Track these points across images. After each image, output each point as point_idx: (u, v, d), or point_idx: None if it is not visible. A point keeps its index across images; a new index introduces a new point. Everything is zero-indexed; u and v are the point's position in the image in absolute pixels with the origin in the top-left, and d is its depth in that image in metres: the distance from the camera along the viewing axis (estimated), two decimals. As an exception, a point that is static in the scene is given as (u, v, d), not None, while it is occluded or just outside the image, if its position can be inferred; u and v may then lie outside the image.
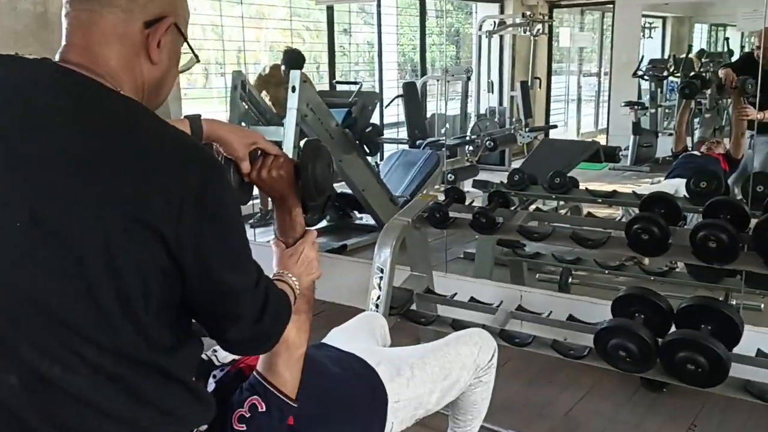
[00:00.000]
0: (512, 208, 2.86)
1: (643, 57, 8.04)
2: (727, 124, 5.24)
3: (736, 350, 2.14)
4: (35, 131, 0.97)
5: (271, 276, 1.23)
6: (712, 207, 2.34)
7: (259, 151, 1.33)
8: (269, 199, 1.43)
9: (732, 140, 4.43)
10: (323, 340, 1.88)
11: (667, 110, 8.24)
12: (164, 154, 0.97)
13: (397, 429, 1.70)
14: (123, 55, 1.03)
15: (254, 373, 1.36)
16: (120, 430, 1.01)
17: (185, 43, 1.12)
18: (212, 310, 1.07)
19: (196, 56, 1.15)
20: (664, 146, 6.98)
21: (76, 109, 0.98)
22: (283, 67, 5.04)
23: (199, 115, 1.31)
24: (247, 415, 1.30)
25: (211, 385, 1.41)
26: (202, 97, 7.77)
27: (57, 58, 1.04)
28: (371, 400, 1.63)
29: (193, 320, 1.10)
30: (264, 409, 1.31)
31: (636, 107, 7.32)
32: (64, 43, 1.04)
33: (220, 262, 1.01)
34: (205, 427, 1.23)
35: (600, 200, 3.03)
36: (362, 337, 1.94)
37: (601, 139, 8.81)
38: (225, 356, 1.49)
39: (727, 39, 7.59)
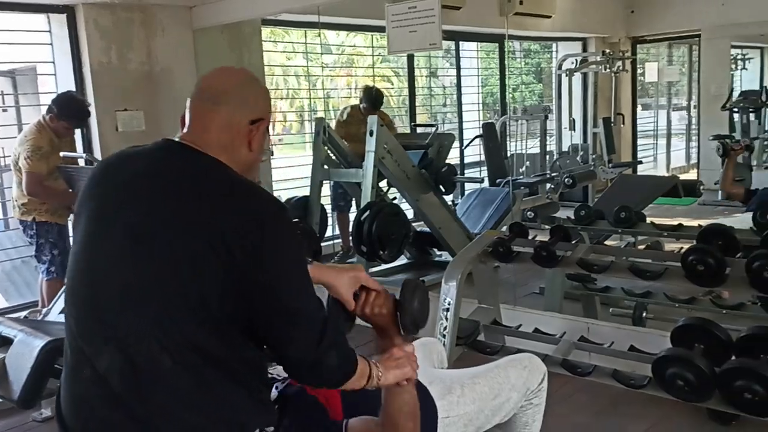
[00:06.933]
0: (573, 242, 2.95)
1: (733, 89, 7.85)
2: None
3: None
4: (146, 185, 1.32)
5: None
6: (768, 238, 2.37)
7: (362, 288, 1.54)
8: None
9: None
10: (383, 363, 2.05)
11: (766, 143, 7.99)
12: (235, 197, 1.29)
13: (448, 444, 1.84)
14: (226, 139, 1.38)
15: None
16: (191, 416, 1.23)
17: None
18: (275, 326, 1.29)
19: (271, 151, 1.62)
20: (762, 180, 6.77)
21: (177, 164, 1.35)
22: (362, 105, 5.34)
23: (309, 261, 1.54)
24: None
25: (273, 394, 1.61)
26: (295, 143, 8.22)
27: (177, 135, 1.40)
28: (422, 415, 1.77)
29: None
30: None
31: (724, 141, 7.16)
32: (187, 124, 1.40)
33: (280, 285, 1.26)
34: (272, 429, 1.43)
35: (665, 234, 3.06)
36: (418, 358, 2.09)
37: (693, 174, 8.62)
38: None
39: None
